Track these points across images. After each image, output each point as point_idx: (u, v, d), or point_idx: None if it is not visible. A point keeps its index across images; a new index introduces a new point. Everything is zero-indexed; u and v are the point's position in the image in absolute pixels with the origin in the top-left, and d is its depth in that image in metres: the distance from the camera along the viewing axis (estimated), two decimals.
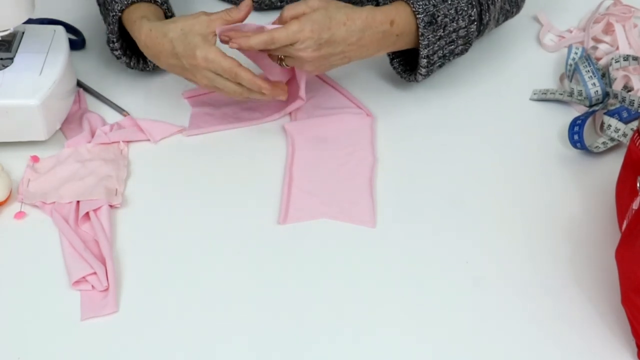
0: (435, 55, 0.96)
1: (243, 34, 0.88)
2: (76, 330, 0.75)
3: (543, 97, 1.05)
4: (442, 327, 0.76)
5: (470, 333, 0.76)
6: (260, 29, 0.87)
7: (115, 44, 0.97)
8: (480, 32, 1.01)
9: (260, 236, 0.85)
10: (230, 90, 0.90)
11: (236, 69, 0.87)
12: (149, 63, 1.01)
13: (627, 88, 1.03)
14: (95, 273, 0.78)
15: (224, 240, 0.84)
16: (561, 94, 1.04)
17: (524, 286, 0.80)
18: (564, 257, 0.83)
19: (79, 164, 0.90)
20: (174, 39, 0.88)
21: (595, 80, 1.02)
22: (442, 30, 0.93)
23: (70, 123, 0.97)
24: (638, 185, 0.76)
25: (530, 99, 1.06)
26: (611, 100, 1.00)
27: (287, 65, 0.91)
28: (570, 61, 1.08)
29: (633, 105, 0.98)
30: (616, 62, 1.05)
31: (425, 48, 0.94)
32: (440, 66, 0.99)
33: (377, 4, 0.95)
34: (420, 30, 0.92)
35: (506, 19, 1.07)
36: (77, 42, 1.10)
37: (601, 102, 1.02)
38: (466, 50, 1.00)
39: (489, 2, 0.99)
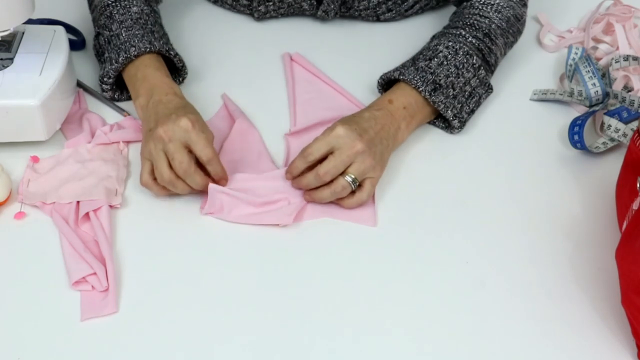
0: (464, 112, 0.97)
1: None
2: (76, 330, 0.75)
3: (543, 97, 1.05)
4: (442, 327, 0.76)
5: (470, 333, 0.76)
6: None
7: (110, 79, 0.97)
8: (492, 72, 1.03)
9: (260, 235, 0.85)
10: (162, 167, 0.83)
11: (212, 154, 0.84)
12: (124, 95, 1.01)
13: (627, 88, 1.03)
14: (95, 273, 0.78)
15: (224, 240, 0.84)
16: (561, 94, 1.04)
17: (524, 286, 0.80)
18: (564, 257, 0.83)
19: (79, 164, 0.90)
20: (178, 108, 0.87)
21: (595, 81, 1.02)
22: (452, 90, 0.96)
23: (70, 123, 0.97)
24: (638, 185, 0.76)
25: (530, 99, 1.06)
26: (611, 101, 1.00)
27: (357, 182, 0.85)
28: (570, 61, 1.08)
29: (633, 106, 0.98)
30: (616, 62, 1.05)
31: (447, 110, 0.95)
32: (471, 114, 0.99)
33: None
34: (429, 100, 0.94)
35: (511, 47, 1.09)
36: (77, 42, 1.10)
37: (601, 102, 1.02)
38: (490, 92, 1.01)
39: (490, 45, 1.00)
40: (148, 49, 0.95)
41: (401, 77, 0.95)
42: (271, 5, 1.13)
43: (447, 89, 0.95)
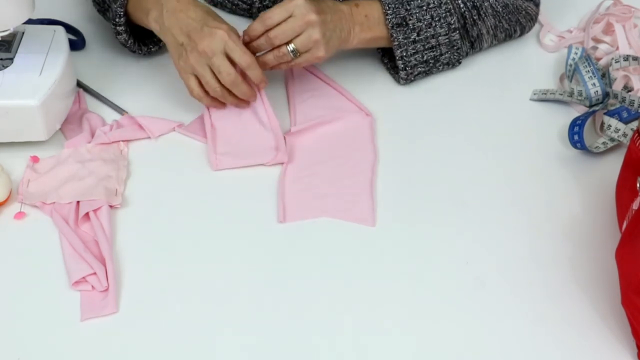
0: (413, 59, 0.99)
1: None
2: (76, 330, 0.75)
3: (543, 97, 1.05)
4: (442, 327, 0.76)
5: (470, 333, 0.76)
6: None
7: (122, 18, 0.96)
8: (472, 45, 1.04)
9: (260, 235, 0.85)
10: (210, 80, 0.90)
11: (252, 59, 0.90)
12: (142, 49, 1.03)
13: (627, 88, 1.03)
14: (95, 273, 0.78)
15: (224, 240, 0.84)
16: (561, 94, 1.04)
17: (524, 286, 0.80)
18: (564, 257, 0.83)
19: (78, 164, 0.90)
20: (210, 12, 0.91)
21: (595, 81, 1.02)
22: (415, 34, 0.98)
23: (70, 123, 0.97)
24: (638, 185, 0.76)
25: (530, 99, 1.06)
26: (611, 101, 1.00)
27: (297, 53, 0.91)
28: (570, 61, 1.08)
29: (633, 106, 0.98)
30: (616, 62, 1.05)
31: (398, 49, 0.98)
32: (424, 72, 1.02)
33: None
34: (389, 31, 0.97)
35: (508, 37, 1.10)
36: (77, 42, 1.10)
37: (601, 102, 1.02)
38: (456, 60, 1.03)
39: (475, 18, 1.02)
40: None
41: None
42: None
43: (411, 32, 0.98)
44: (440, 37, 0.99)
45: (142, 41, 1.04)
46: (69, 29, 1.09)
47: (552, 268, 0.82)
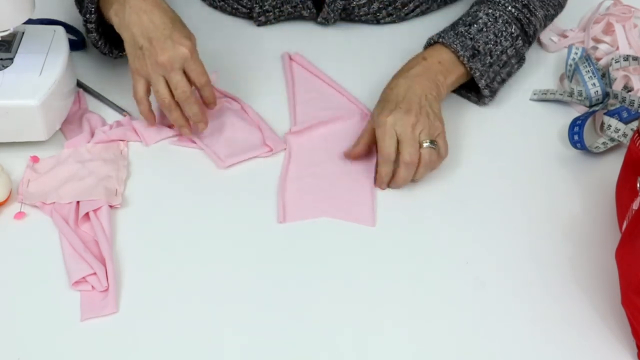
0: (495, 82, 0.99)
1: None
2: (76, 330, 0.75)
3: (543, 97, 1.05)
4: (442, 327, 0.76)
5: (470, 333, 0.76)
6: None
7: (92, 15, 0.93)
8: (530, 43, 1.04)
9: (260, 236, 0.85)
10: (162, 90, 0.88)
11: (209, 83, 0.90)
12: (114, 52, 1.00)
13: (627, 88, 1.03)
14: (95, 273, 0.78)
15: (224, 240, 0.84)
16: (561, 94, 1.04)
17: (524, 286, 0.80)
18: (564, 257, 0.83)
19: (78, 165, 0.90)
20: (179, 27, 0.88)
21: (595, 81, 1.02)
22: (489, 58, 0.97)
23: (70, 123, 0.97)
24: (638, 185, 0.76)
25: (530, 99, 1.06)
26: (611, 101, 1.00)
27: (435, 144, 0.89)
28: (570, 61, 1.08)
29: (633, 106, 0.98)
30: (616, 62, 1.05)
31: (481, 79, 0.97)
32: (501, 84, 1.02)
33: None
34: (467, 65, 0.96)
35: (552, 20, 1.10)
36: (77, 42, 1.10)
37: (601, 102, 1.02)
38: (521, 64, 1.03)
39: (528, 16, 1.01)
40: None
41: (440, 40, 0.97)
42: (271, 15, 1.13)
43: (485, 57, 0.97)
44: (508, 50, 0.99)
45: (114, 44, 1.00)
46: (69, 29, 1.09)
47: (552, 268, 0.82)
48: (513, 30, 0.99)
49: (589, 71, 1.03)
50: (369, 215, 0.87)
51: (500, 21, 0.99)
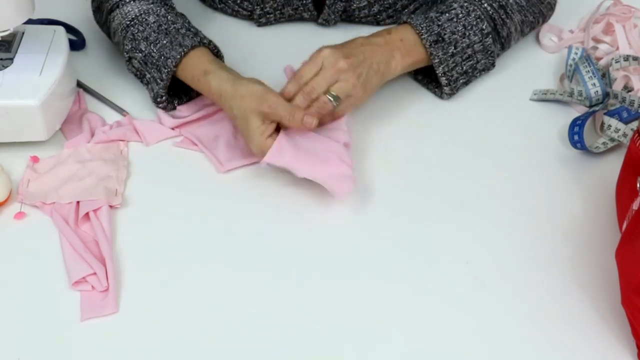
0: (454, 72, 0.99)
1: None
2: (76, 330, 0.75)
3: (543, 98, 1.05)
4: (442, 327, 0.76)
5: (470, 333, 0.76)
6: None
7: (164, 97, 0.96)
8: (503, 46, 1.04)
9: (260, 235, 0.85)
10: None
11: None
12: (183, 99, 0.99)
13: (627, 88, 1.03)
14: (95, 273, 0.78)
15: (224, 240, 0.84)
16: (561, 94, 1.04)
17: (524, 286, 0.80)
18: (564, 257, 0.83)
19: (78, 165, 0.90)
20: (237, 117, 0.88)
21: (595, 81, 1.02)
22: (453, 47, 0.97)
23: (70, 123, 0.97)
24: (638, 185, 0.76)
25: (530, 99, 1.06)
26: (611, 101, 1.00)
27: (337, 99, 0.88)
28: (570, 61, 1.08)
29: (633, 106, 0.98)
30: (616, 62, 1.05)
31: (439, 66, 0.98)
32: (465, 83, 1.02)
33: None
34: (428, 50, 0.96)
35: (532, 29, 1.09)
36: (77, 42, 1.10)
37: (601, 103, 1.02)
38: (491, 64, 1.03)
39: (504, 17, 1.01)
40: (182, 53, 0.92)
41: (408, 20, 0.97)
42: (272, 17, 1.13)
43: (449, 46, 0.97)
44: (475, 45, 0.99)
45: (176, 94, 0.99)
46: (69, 29, 1.09)
47: (552, 268, 0.82)
48: (484, 27, 0.99)
49: (589, 71, 1.03)
50: (348, 181, 0.86)
51: (473, 15, 0.99)
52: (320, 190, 0.88)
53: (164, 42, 0.95)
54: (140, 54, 0.96)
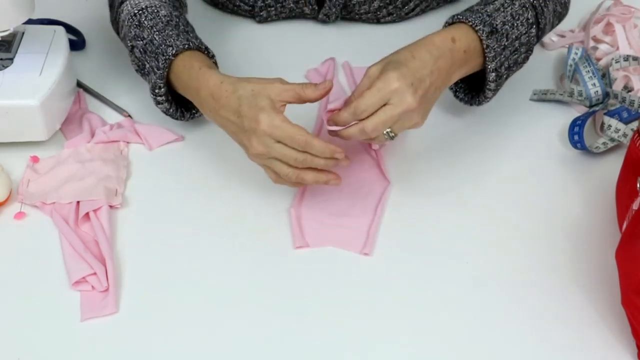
0: (503, 68, 0.91)
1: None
2: (76, 330, 0.75)
3: (543, 98, 1.05)
4: (442, 327, 0.76)
5: (470, 333, 0.76)
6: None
7: (162, 89, 0.90)
8: (539, 38, 0.97)
9: (260, 236, 0.85)
10: (287, 158, 0.80)
11: (306, 136, 0.78)
12: (185, 114, 0.95)
13: (627, 88, 1.03)
14: (95, 273, 0.78)
15: (224, 241, 0.84)
16: (561, 94, 1.04)
17: (524, 286, 0.80)
18: (564, 257, 0.83)
19: (78, 165, 0.90)
20: (243, 97, 0.81)
21: (595, 81, 1.02)
22: (505, 39, 0.90)
23: (70, 123, 0.97)
24: (638, 185, 0.76)
25: (530, 99, 1.06)
26: (611, 101, 1.00)
27: (393, 136, 0.82)
28: (570, 61, 1.08)
29: (633, 106, 0.98)
30: (616, 62, 1.05)
31: (493, 61, 0.89)
32: (506, 79, 0.94)
33: None
34: (484, 42, 0.88)
35: (559, 21, 1.04)
36: (77, 42, 1.10)
37: (601, 103, 1.02)
38: (527, 58, 0.95)
39: (542, 5, 0.95)
40: (186, 46, 0.89)
41: (456, 18, 0.89)
42: (273, 10, 1.13)
43: (502, 37, 0.89)
44: (522, 37, 0.92)
45: (185, 106, 0.95)
46: (69, 29, 1.09)
47: (552, 268, 0.82)
48: (529, 16, 0.92)
49: (589, 71, 1.03)
50: (368, 244, 0.84)
51: (517, 4, 0.91)
52: None
53: (170, 32, 0.91)
54: (142, 42, 0.92)
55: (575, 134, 0.95)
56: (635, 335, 0.74)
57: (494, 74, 0.90)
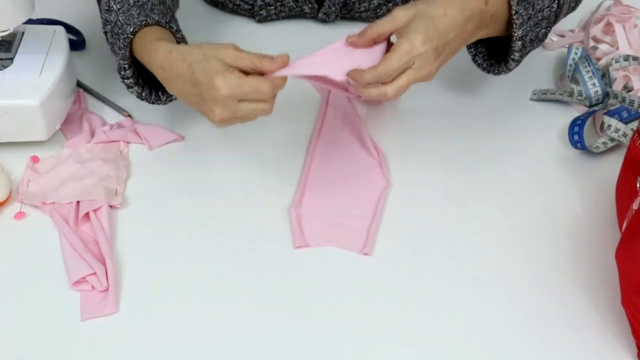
0: (527, 38, 0.88)
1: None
2: (76, 330, 0.75)
3: (543, 97, 1.05)
4: (442, 327, 0.76)
5: (469, 333, 0.76)
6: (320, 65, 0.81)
7: (127, 71, 0.87)
8: (557, 18, 0.94)
9: (260, 237, 0.85)
10: (255, 113, 0.79)
11: (269, 83, 0.77)
12: (161, 96, 0.92)
13: (627, 88, 1.03)
14: (95, 273, 0.78)
15: (224, 241, 0.84)
16: (561, 94, 1.04)
17: (524, 286, 0.80)
18: (564, 257, 0.83)
19: (78, 164, 0.90)
20: (194, 64, 0.79)
21: (595, 81, 1.02)
22: (532, 9, 0.87)
23: (70, 123, 0.97)
24: (638, 185, 0.76)
25: (530, 99, 1.06)
26: (611, 101, 1.00)
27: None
28: (570, 61, 1.08)
29: (633, 106, 0.98)
30: (616, 62, 1.05)
31: (520, 28, 0.86)
32: (528, 52, 0.91)
33: None
34: (513, 8, 0.85)
35: (573, 9, 1.01)
36: (77, 42, 1.10)
37: (601, 102, 1.02)
38: (546, 35, 0.93)
39: None
40: (144, 22, 0.86)
41: None
42: (272, 9, 1.13)
43: (529, 6, 0.86)
44: (545, 10, 0.88)
45: (159, 88, 0.91)
46: (69, 29, 1.09)
47: (552, 268, 0.82)
48: None
49: (589, 71, 1.03)
50: (369, 246, 0.84)
51: None
52: None
53: (133, 12, 0.88)
54: (110, 26, 0.89)
55: (575, 134, 0.95)
56: (635, 335, 0.74)
57: (519, 42, 0.88)
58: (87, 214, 0.85)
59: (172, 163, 0.94)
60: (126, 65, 0.87)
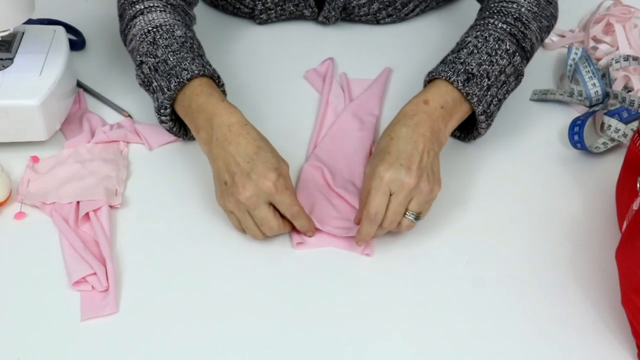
0: (492, 106, 0.91)
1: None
2: (76, 330, 0.75)
3: (543, 97, 1.05)
4: (442, 327, 0.76)
5: (470, 333, 0.76)
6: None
7: (167, 109, 0.89)
8: (528, 60, 0.97)
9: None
10: (249, 231, 0.82)
11: (299, 208, 0.82)
12: (188, 133, 0.95)
13: (627, 88, 1.03)
14: (95, 273, 0.78)
15: (224, 241, 0.84)
16: (561, 94, 1.04)
17: (524, 286, 0.80)
18: (564, 257, 0.83)
19: (78, 165, 0.90)
20: (262, 149, 0.82)
21: (595, 81, 1.02)
22: (487, 79, 0.89)
23: (70, 123, 0.97)
24: (638, 185, 0.76)
25: (530, 99, 1.06)
26: (611, 101, 1.00)
27: (418, 217, 0.82)
28: (570, 61, 1.08)
29: (633, 106, 0.98)
30: (616, 62, 1.05)
31: (479, 105, 0.89)
32: (499, 109, 0.94)
33: None
34: (462, 91, 0.87)
35: (548, 33, 1.02)
36: (77, 42, 1.10)
37: (601, 103, 1.02)
38: (520, 81, 0.95)
39: (523, 30, 0.94)
40: (202, 72, 0.88)
41: (431, 75, 0.90)
42: (273, 13, 1.13)
43: (482, 79, 0.89)
44: (506, 69, 0.91)
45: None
46: (69, 29, 1.09)
47: (552, 268, 0.82)
48: (508, 46, 0.91)
49: (589, 71, 1.03)
50: (369, 244, 0.84)
51: (492, 40, 0.91)
52: None
53: (185, 55, 0.90)
54: (154, 60, 0.91)
55: (575, 134, 0.95)
56: (635, 335, 0.74)
57: (483, 116, 0.90)
58: (87, 214, 0.84)
59: (172, 163, 0.94)
60: (168, 105, 0.89)
